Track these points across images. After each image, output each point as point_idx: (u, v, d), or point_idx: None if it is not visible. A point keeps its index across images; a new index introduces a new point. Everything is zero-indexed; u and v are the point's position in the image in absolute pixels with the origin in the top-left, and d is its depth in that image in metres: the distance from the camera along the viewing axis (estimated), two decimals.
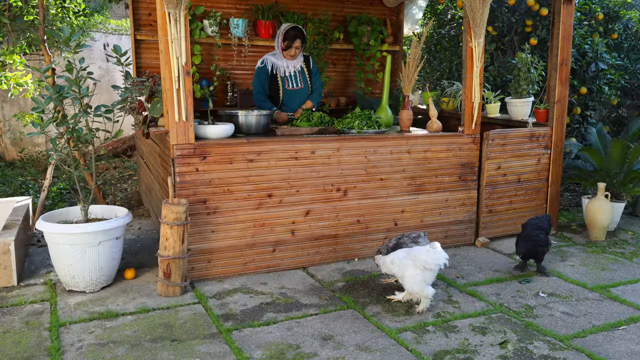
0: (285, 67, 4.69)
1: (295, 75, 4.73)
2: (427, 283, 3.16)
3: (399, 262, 3.17)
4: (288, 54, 4.64)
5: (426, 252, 3.13)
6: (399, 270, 3.18)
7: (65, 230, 3.34)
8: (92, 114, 3.50)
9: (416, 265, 3.12)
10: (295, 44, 4.59)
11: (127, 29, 9.18)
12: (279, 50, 4.68)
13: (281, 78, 4.69)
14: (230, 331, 2.96)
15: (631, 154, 4.85)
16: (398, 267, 3.18)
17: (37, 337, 2.88)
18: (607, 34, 6.24)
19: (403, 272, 3.16)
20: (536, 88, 4.92)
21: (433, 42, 6.83)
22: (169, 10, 3.26)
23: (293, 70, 4.72)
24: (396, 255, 3.21)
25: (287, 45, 4.59)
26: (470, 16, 4.06)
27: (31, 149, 8.23)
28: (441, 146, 4.24)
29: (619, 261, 4.13)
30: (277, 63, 4.69)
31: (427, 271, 3.12)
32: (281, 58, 4.69)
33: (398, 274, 3.20)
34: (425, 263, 3.10)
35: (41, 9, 4.57)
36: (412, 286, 3.14)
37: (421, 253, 3.14)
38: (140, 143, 5.52)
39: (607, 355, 2.75)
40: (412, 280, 3.13)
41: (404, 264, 3.15)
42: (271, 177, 3.74)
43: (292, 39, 4.57)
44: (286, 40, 4.58)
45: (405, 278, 3.16)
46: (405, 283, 3.18)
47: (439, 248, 3.18)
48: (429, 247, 3.18)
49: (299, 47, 4.62)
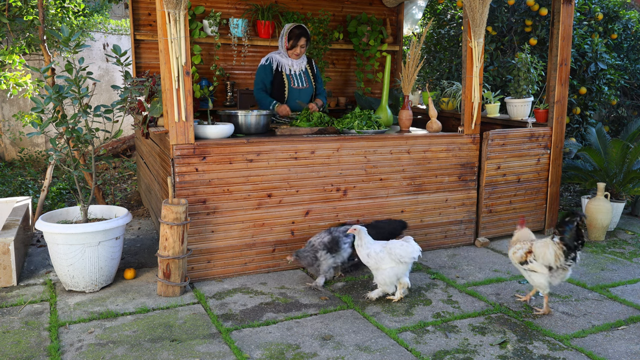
0: (290, 65, 4.69)
1: (300, 75, 4.73)
2: (401, 276, 3.30)
3: (376, 256, 3.26)
4: (293, 53, 4.64)
5: (401, 246, 3.26)
6: (374, 263, 3.27)
7: (64, 230, 3.34)
8: (91, 114, 3.50)
9: (392, 258, 3.24)
10: (300, 43, 4.59)
11: (126, 29, 9.18)
12: (283, 51, 4.68)
13: (287, 76, 4.68)
14: (229, 331, 2.95)
15: (631, 154, 4.85)
16: (374, 260, 3.27)
17: (36, 337, 2.87)
18: (606, 34, 6.24)
19: (379, 265, 3.26)
20: (536, 88, 4.92)
21: (433, 42, 6.83)
22: (169, 10, 3.26)
23: (298, 70, 4.72)
24: (373, 249, 3.28)
25: (292, 44, 4.59)
26: (470, 16, 4.06)
27: (31, 149, 8.23)
28: (441, 146, 4.24)
29: (619, 261, 4.13)
30: (282, 61, 4.69)
31: (402, 264, 3.25)
32: (286, 57, 4.70)
33: (373, 266, 3.30)
34: (400, 256, 3.23)
35: (41, 9, 4.56)
36: (385, 279, 3.28)
37: (396, 247, 3.26)
38: (140, 143, 5.52)
39: (606, 355, 2.75)
40: (386, 274, 3.26)
41: (380, 258, 3.25)
42: (271, 177, 3.74)
43: (296, 37, 4.57)
44: (291, 40, 4.58)
45: (379, 271, 3.28)
46: (378, 275, 3.30)
47: (412, 242, 3.31)
48: (403, 242, 3.30)
49: (303, 45, 4.62)
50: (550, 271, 3.08)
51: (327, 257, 3.55)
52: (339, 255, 3.60)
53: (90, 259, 3.39)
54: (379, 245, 3.32)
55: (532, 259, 3.13)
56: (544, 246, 3.10)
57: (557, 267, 3.05)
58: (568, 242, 3.01)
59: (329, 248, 3.57)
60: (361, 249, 3.34)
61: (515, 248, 3.25)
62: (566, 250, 3.01)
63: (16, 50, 5.46)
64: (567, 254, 3.01)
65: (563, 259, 3.02)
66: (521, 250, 3.20)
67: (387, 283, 3.30)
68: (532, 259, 3.13)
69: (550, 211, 4.75)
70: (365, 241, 3.33)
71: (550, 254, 3.05)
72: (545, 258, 3.07)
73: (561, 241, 3.02)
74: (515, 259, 3.24)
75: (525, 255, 3.17)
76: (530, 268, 3.14)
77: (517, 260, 3.23)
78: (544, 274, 3.09)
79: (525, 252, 3.18)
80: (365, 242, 3.33)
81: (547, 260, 3.07)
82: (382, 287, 3.33)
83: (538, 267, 3.10)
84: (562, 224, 3.06)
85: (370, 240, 3.35)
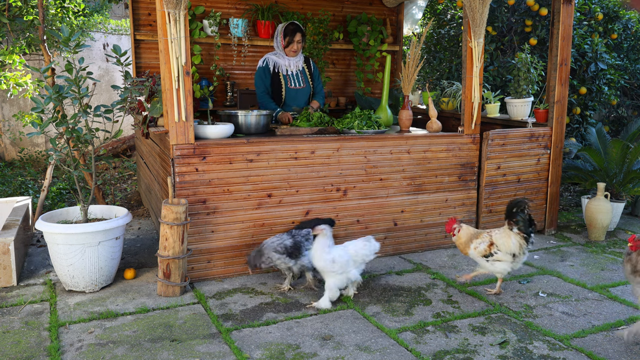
0: (287, 65, 4.69)
1: (297, 75, 4.73)
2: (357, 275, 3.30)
3: (341, 260, 3.17)
4: (290, 49, 4.63)
5: (364, 247, 3.24)
6: (340, 268, 3.17)
7: (64, 230, 3.34)
8: (91, 114, 3.50)
9: (356, 260, 3.22)
10: (296, 38, 4.58)
11: (126, 29, 9.18)
12: (280, 50, 4.68)
13: (283, 77, 4.68)
14: (229, 331, 2.95)
15: (631, 154, 4.85)
16: (340, 265, 3.17)
17: (36, 337, 2.87)
18: (606, 34, 6.24)
19: (344, 270, 3.19)
20: (536, 88, 4.92)
21: (433, 42, 6.83)
22: (169, 10, 3.26)
23: (295, 70, 4.72)
24: (337, 253, 3.18)
25: (288, 41, 4.58)
26: (470, 16, 4.06)
27: (31, 149, 8.23)
28: (441, 146, 4.24)
29: (619, 261, 4.13)
30: (279, 62, 4.68)
31: (362, 264, 3.28)
32: (283, 57, 4.69)
33: (338, 271, 3.18)
34: (365, 256, 3.25)
35: (41, 9, 4.56)
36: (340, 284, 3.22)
37: (360, 248, 3.26)
38: (140, 143, 5.52)
39: (606, 355, 2.75)
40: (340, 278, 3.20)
41: (345, 261, 3.18)
42: (271, 177, 3.74)
43: (292, 33, 4.57)
44: (287, 36, 4.58)
45: (343, 275, 3.20)
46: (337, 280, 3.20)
47: (372, 240, 3.33)
48: (365, 241, 3.28)
49: (300, 41, 4.61)
50: (514, 258, 3.35)
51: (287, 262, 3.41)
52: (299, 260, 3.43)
53: (90, 259, 3.39)
54: (340, 248, 3.21)
55: (496, 250, 3.35)
56: (505, 237, 3.36)
57: (520, 254, 3.35)
58: (526, 231, 3.34)
59: (289, 253, 3.39)
60: (324, 254, 3.15)
61: (476, 243, 3.41)
62: (526, 237, 3.34)
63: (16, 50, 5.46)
64: (527, 241, 3.35)
65: (525, 246, 3.35)
66: (483, 244, 3.38)
67: (340, 287, 3.23)
68: (496, 250, 3.35)
69: (550, 211, 4.75)
70: (330, 244, 3.17)
71: (514, 244, 3.33)
72: (510, 248, 3.33)
73: (521, 231, 3.33)
74: (478, 253, 3.40)
75: (489, 248, 3.37)
76: (495, 259, 3.36)
77: (481, 254, 3.39)
78: (508, 262, 3.35)
79: (487, 246, 3.37)
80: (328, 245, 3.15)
81: (512, 250, 3.33)
82: (333, 292, 3.20)
83: (503, 256, 3.34)
84: (513, 215, 3.37)
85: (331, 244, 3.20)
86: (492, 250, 3.35)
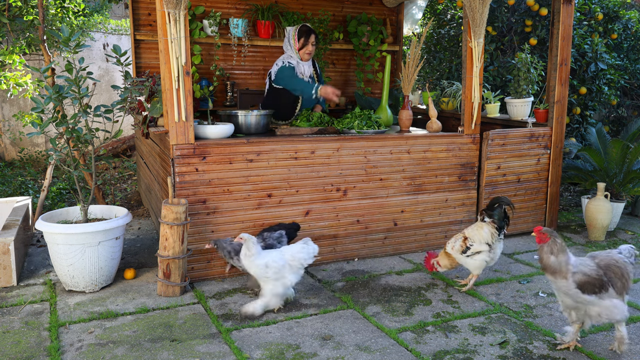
0: (302, 72, 4.59)
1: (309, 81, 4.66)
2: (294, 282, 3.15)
3: (275, 265, 3.03)
4: (305, 52, 4.53)
5: (302, 249, 3.08)
6: (274, 274, 3.02)
7: (64, 230, 3.34)
8: (91, 114, 3.50)
9: (292, 265, 3.05)
10: (311, 40, 4.50)
11: (126, 29, 9.18)
12: (294, 53, 4.57)
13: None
14: (230, 331, 2.95)
15: (631, 154, 4.85)
16: (274, 270, 3.02)
17: (36, 337, 2.87)
18: (606, 34, 6.24)
19: (280, 275, 3.04)
20: (536, 88, 4.92)
21: (433, 42, 6.83)
22: (169, 10, 3.26)
23: (308, 75, 4.65)
24: (271, 258, 3.03)
25: (303, 42, 4.49)
26: (470, 16, 4.06)
27: (31, 149, 8.23)
28: (441, 146, 4.24)
29: None
30: (297, 67, 4.57)
31: (301, 269, 3.13)
32: (297, 62, 4.57)
33: (272, 277, 3.03)
34: (303, 260, 3.08)
35: (41, 8, 4.56)
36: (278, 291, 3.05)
37: (297, 251, 3.07)
38: (140, 143, 5.52)
39: (607, 355, 2.75)
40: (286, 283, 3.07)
41: (280, 266, 3.03)
42: (271, 177, 3.74)
43: (307, 35, 4.49)
44: (302, 38, 4.49)
45: (279, 281, 3.05)
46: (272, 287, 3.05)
47: (310, 242, 3.21)
48: (303, 244, 3.14)
49: (314, 43, 4.53)
50: (490, 248, 3.44)
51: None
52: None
53: (90, 259, 3.39)
54: (275, 252, 3.07)
55: (471, 243, 3.45)
56: (477, 228, 3.50)
57: (494, 242, 3.45)
58: (498, 222, 3.49)
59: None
60: (253, 258, 3.04)
61: (451, 243, 3.52)
62: (498, 227, 3.48)
63: (16, 50, 5.46)
64: (500, 231, 3.49)
65: (497, 235, 3.47)
66: (458, 242, 3.49)
67: (279, 294, 3.06)
68: (471, 243, 3.45)
69: (550, 211, 4.75)
70: (256, 250, 3.05)
71: (486, 232, 3.46)
72: (483, 237, 3.45)
73: (492, 222, 3.49)
74: (457, 251, 3.48)
75: (464, 243, 3.46)
76: (474, 250, 3.44)
77: (459, 251, 3.47)
78: (486, 251, 3.44)
79: (462, 242, 3.47)
80: (256, 251, 3.04)
81: (485, 239, 3.45)
82: (272, 298, 3.05)
83: (479, 246, 3.44)
84: (491, 209, 3.54)
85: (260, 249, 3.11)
86: (467, 244, 3.45)
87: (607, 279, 2.61)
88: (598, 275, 2.61)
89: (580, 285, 2.60)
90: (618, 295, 2.63)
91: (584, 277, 2.60)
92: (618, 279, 2.63)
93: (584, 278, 2.60)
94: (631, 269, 2.69)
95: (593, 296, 2.59)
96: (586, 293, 2.59)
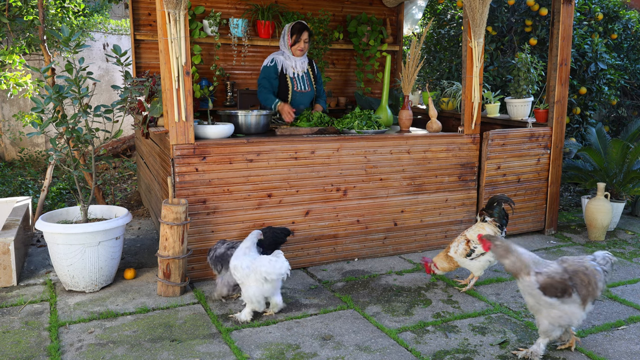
0: (293, 66, 4.63)
1: (302, 77, 4.68)
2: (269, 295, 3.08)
3: (242, 271, 3.04)
4: (297, 48, 4.56)
5: (268, 263, 3.02)
6: (240, 277, 3.06)
7: (64, 230, 3.34)
8: (91, 114, 3.50)
9: (256, 277, 3.01)
10: (303, 37, 4.53)
11: (126, 29, 9.18)
12: (286, 49, 4.61)
13: (290, 79, 4.63)
14: (229, 331, 2.95)
15: (631, 154, 4.85)
16: (240, 275, 3.06)
17: (36, 337, 2.87)
18: (606, 34, 6.24)
19: (243, 281, 3.05)
20: (536, 88, 4.92)
21: (433, 42, 6.83)
22: (169, 10, 3.26)
23: (301, 72, 4.68)
24: (239, 262, 3.07)
25: (295, 39, 4.52)
26: (470, 16, 4.06)
27: (31, 149, 8.23)
28: (441, 146, 4.24)
29: (619, 261, 4.13)
30: (286, 63, 4.62)
31: (268, 282, 3.02)
32: (289, 57, 4.62)
33: (239, 280, 3.08)
34: (266, 274, 2.99)
35: (41, 8, 4.56)
36: (251, 296, 3.04)
37: (264, 264, 3.01)
38: (140, 143, 5.52)
39: (607, 355, 2.75)
40: (251, 291, 3.03)
41: (245, 274, 3.03)
42: (271, 177, 3.74)
43: (299, 32, 4.51)
44: (294, 34, 4.51)
45: (244, 286, 3.06)
46: (244, 291, 3.07)
47: (282, 257, 3.08)
48: (272, 257, 3.08)
49: (307, 40, 4.56)
50: None
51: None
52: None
53: (90, 259, 3.39)
54: (248, 259, 3.07)
55: (474, 246, 3.41)
56: (479, 229, 3.48)
57: None
58: (499, 221, 3.51)
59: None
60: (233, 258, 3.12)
61: (454, 248, 3.47)
62: (499, 225, 3.50)
63: (16, 50, 5.46)
64: (501, 229, 3.51)
65: (499, 233, 3.48)
66: (461, 245, 3.45)
67: (253, 301, 3.04)
68: (474, 246, 3.41)
69: (550, 211, 4.75)
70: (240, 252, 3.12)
71: (489, 232, 3.46)
72: None
73: (493, 220, 3.51)
74: (460, 255, 3.44)
75: (467, 246, 3.43)
76: (478, 252, 3.40)
77: (463, 254, 3.44)
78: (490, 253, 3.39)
79: (465, 245, 3.44)
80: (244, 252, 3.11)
81: None
82: (250, 304, 3.07)
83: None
84: (490, 208, 3.57)
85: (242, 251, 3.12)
86: (471, 247, 3.42)
87: (572, 284, 2.59)
88: (562, 279, 2.59)
89: (543, 287, 2.58)
90: (582, 303, 2.60)
91: (547, 279, 2.59)
92: (584, 286, 2.59)
93: (547, 280, 2.59)
94: (601, 277, 2.65)
95: (554, 299, 2.58)
96: (547, 295, 2.58)
